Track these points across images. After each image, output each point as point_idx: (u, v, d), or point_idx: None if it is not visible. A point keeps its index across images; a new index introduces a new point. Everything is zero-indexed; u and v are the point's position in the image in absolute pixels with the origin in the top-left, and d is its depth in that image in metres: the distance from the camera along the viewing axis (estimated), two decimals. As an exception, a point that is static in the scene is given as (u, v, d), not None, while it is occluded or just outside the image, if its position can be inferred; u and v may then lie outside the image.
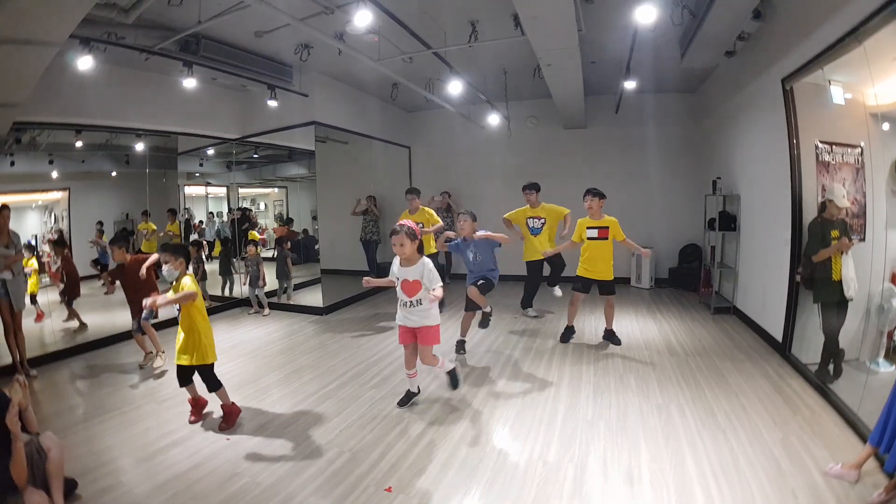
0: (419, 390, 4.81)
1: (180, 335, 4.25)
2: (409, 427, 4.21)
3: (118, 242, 5.81)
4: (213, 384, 4.33)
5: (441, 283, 4.28)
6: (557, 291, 7.70)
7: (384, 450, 3.84)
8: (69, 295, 6.89)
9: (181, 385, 4.40)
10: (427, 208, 8.16)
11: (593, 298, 6.58)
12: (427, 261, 4.34)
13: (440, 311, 8.05)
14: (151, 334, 5.94)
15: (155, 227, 8.54)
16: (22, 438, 2.76)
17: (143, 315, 5.72)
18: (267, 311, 8.65)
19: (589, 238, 6.14)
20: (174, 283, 4.35)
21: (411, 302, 4.36)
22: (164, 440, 4.07)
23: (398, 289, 4.44)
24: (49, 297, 6.89)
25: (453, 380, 4.91)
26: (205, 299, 4.81)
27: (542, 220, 7.34)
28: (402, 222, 4.34)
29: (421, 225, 7.85)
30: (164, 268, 4.32)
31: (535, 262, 7.34)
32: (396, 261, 4.43)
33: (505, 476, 3.44)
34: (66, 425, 4.34)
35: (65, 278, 6.85)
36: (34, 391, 5.20)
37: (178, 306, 4.24)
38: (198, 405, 4.49)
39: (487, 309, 5.89)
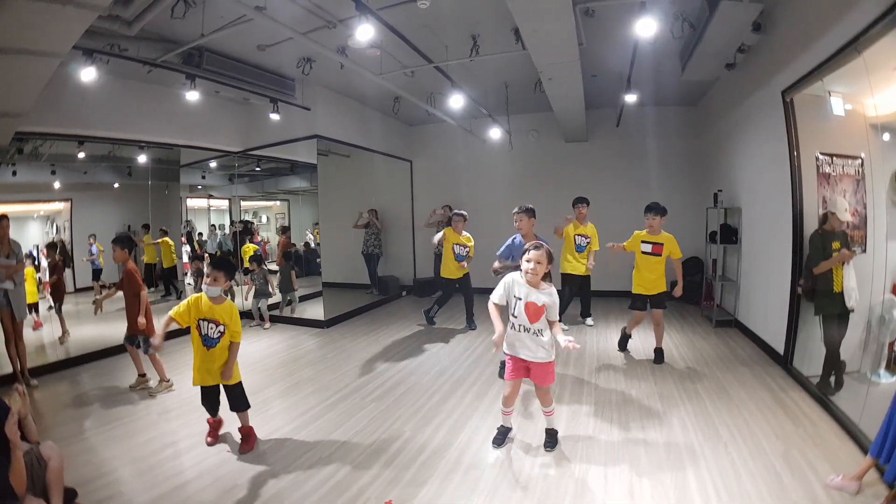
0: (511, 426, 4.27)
1: (210, 357, 4.04)
2: (410, 441, 4.19)
3: (121, 242, 5.49)
4: (244, 404, 4.19)
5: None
6: (590, 321, 8.15)
7: (385, 462, 3.83)
8: (58, 301, 6.88)
9: (212, 412, 4.26)
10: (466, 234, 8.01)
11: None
12: (553, 288, 3.89)
13: (471, 326, 8.07)
14: (157, 364, 5.44)
15: (172, 243, 8.68)
16: (21, 447, 2.75)
17: (143, 348, 5.41)
18: (268, 324, 8.63)
19: (643, 252, 6.07)
20: (215, 304, 4.05)
21: (534, 329, 3.80)
22: (165, 451, 4.05)
23: (519, 312, 3.82)
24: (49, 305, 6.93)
25: (550, 439, 4.06)
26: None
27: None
28: (540, 241, 3.92)
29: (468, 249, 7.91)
30: (207, 282, 4.07)
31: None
32: (517, 278, 3.87)
33: (506, 490, 3.42)
34: (66, 435, 4.32)
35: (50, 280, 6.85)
36: (34, 401, 5.19)
37: (221, 328, 4.01)
38: (217, 426, 4.34)
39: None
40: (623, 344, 6.59)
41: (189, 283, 9.61)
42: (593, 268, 7.26)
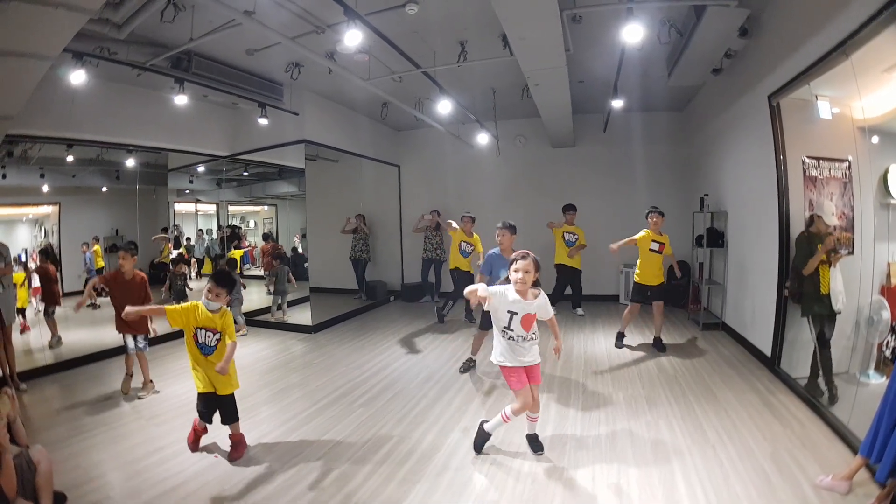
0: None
1: (209, 364, 4.01)
2: (397, 446, 4.18)
3: (131, 249, 5.39)
4: (235, 415, 4.11)
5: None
6: (580, 311, 9.14)
7: (372, 469, 3.81)
8: (48, 303, 6.77)
9: (208, 419, 4.15)
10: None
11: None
12: (542, 292, 3.90)
13: (471, 319, 8.50)
14: (144, 365, 5.48)
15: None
16: (11, 450, 2.74)
17: (141, 346, 5.40)
18: (243, 330, 8.46)
19: (651, 250, 6.80)
20: (213, 313, 3.99)
21: (528, 336, 3.85)
22: (153, 457, 4.01)
23: (515, 325, 3.81)
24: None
25: (534, 444, 4.07)
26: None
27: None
28: (525, 251, 3.85)
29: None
30: (209, 297, 3.98)
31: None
32: (511, 291, 3.80)
33: (494, 494, 3.42)
34: (55, 439, 4.28)
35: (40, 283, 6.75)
36: (24, 405, 5.13)
37: (218, 336, 4.00)
38: (202, 433, 4.23)
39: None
40: (619, 341, 7.06)
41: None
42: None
